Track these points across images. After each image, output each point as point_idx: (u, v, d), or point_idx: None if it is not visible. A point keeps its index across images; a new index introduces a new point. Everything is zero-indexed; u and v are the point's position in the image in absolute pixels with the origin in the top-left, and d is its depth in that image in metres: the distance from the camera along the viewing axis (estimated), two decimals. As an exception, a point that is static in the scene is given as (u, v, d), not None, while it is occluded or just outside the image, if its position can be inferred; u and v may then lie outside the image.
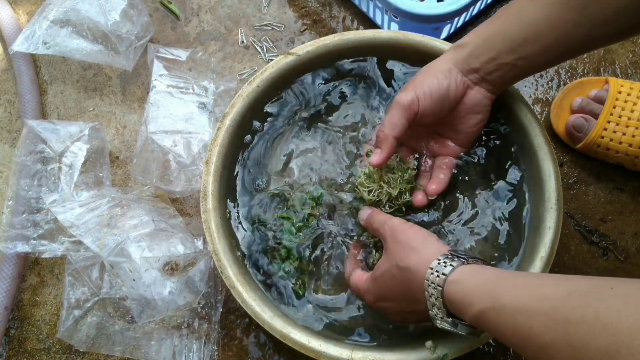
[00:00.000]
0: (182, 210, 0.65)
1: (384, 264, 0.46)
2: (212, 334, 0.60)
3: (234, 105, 0.58)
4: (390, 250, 0.45)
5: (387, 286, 0.46)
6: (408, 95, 0.50)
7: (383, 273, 0.46)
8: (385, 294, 0.46)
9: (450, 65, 0.50)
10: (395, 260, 0.44)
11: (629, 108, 0.62)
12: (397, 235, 0.46)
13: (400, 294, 0.45)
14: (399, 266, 0.44)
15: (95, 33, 0.68)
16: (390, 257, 0.45)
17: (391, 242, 0.46)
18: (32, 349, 0.62)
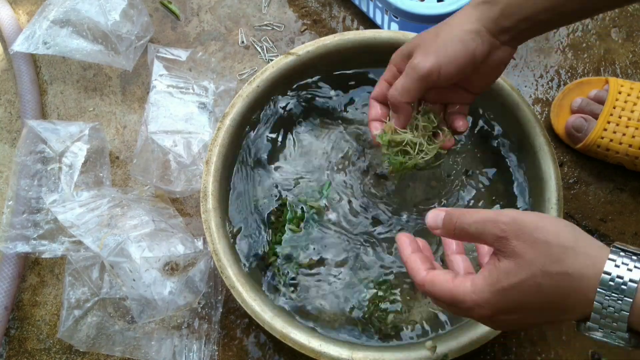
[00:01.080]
0: (182, 210, 0.65)
1: (516, 271, 0.35)
2: (212, 334, 0.60)
3: (234, 105, 0.58)
4: (524, 254, 0.34)
5: (526, 298, 0.35)
6: (427, 62, 0.44)
7: (519, 283, 0.34)
8: (518, 308, 0.36)
9: (478, 25, 0.45)
10: (539, 266, 0.34)
11: (629, 108, 0.62)
12: (532, 232, 0.34)
13: (546, 306, 0.35)
14: (548, 273, 0.33)
15: (96, 33, 0.68)
16: (527, 261, 0.34)
17: (521, 243, 0.35)
18: (32, 349, 0.62)
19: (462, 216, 0.38)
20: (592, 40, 0.72)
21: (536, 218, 0.35)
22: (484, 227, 0.36)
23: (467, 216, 0.37)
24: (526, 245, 0.34)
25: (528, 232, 0.34)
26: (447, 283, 0.38)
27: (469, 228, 0.37)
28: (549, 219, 0.36)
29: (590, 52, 0.72)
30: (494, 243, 0.36)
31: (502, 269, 0.35)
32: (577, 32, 0.73)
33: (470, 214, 0.37)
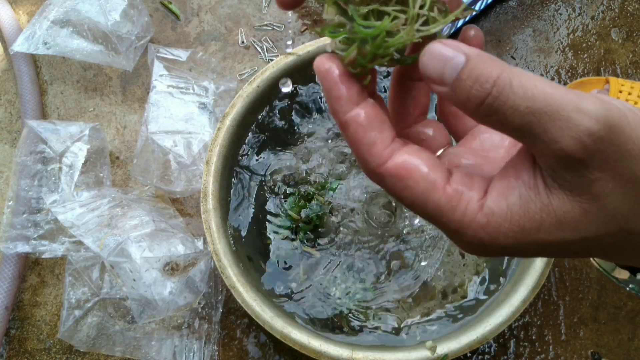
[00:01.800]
0: (183, 211, 0.65)
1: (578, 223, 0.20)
2: (212, 334, 0.60)
3: (235, 105, 0.58)
4: (607, 198, 0.20)
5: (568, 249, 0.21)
6: None
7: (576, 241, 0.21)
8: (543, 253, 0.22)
9: None
10: (624, 224, 0.20)
11: (630, 108, 0.62)
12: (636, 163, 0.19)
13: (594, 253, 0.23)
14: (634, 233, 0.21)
15: (96, 33, 0.68)
16: (608, 214, 0.20)
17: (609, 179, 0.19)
18: (32, 349, 0.62)
19: (505, 87, 0.19)
20: (592, 40, 0.72)
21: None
22: (546, 125, 0.19)
23: (515, 88, 0.19)
24: (616, 185, 0.19)
25: (630, 159, 0.19)
26: (435, 190, 0.21)
27: (513, 116, 0.19)
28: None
29: (590, 52, 0.72)
30: (553, 160, 0.19)
31: (553, 208, 0.20)
32: (577, 32, 0.73)
33: (523, 88, 0.19)
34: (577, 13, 0.74)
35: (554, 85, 0.19)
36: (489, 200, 0.21)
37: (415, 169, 0.21)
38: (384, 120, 0.22)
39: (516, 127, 0.19)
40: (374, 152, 0.22)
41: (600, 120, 0.18)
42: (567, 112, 0.18)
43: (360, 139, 0.22)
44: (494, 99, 0.19)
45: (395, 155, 0.22)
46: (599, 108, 0.18)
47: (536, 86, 0.19)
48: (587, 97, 0.18)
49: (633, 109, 0.19)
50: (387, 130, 0.22)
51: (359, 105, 0.22)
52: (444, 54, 0.20)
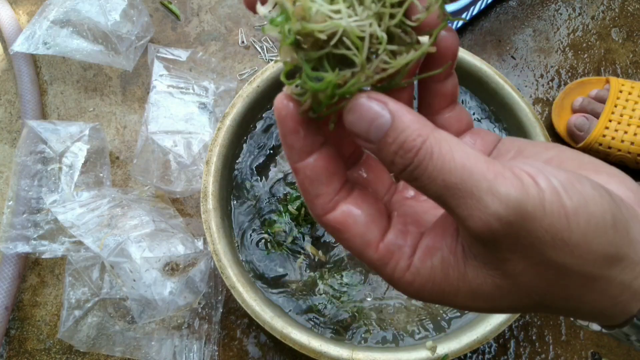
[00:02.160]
0: (183, 211, 0.65)
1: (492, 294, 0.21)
2: (212, 334, 0.60)
3: (235, 105, 0.58)
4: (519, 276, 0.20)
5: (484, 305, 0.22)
6: None
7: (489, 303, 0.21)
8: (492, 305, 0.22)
9: None
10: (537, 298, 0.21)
11: (630, 107, 0.62)
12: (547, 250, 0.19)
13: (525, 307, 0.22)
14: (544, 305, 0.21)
15: (96, 33, 0.68)
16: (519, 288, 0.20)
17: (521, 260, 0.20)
18: (32, 349, 0.62)
19: (425, 156, 0.19)
20: (592, 40, 0.72)
21: (565, 221, 0.18)
22: (458, 201, 0.19)
23: (435, 160, 0.19)
24: (528, 266, 0.19)
25: (540, 245, 0.19)
26: (369, 248, 0.22)
27: (430, 186, 0.19)
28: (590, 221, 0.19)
29: (590, 52, 0.72)
30: (468, 236, 0.20)
31: (468, 279, 0.21)
32: (577, 32, 0.73)
33: (442, 160, 0.19)
34: (578, 13, 0.74)
35: (473, 158, 0.19)
36: (416, 258, 0.22)
37: (352, 226, 0.22)
38: (332, 172, 0.22)
39: (434, 196, 0.20)
40: (318, 203, 0.22)
41: (511, 206, 0.18)
42: (479, 192, 0.18)
43: (306, 189, 0.22)
44: (414, 167, 0.19)
45: (337, 208, 0.22)
46: (512, 192, 0.18)
47: (454, 159, 0.19)
48: (505, 179, 0.18)
49: (560, 189, 0.19)
50: (334, 182, 0.22)
51: (310, 156, 0.22)
52: (369, 111, 0.20)
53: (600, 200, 0.19)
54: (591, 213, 0.19)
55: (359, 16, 0.20)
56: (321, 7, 0.20)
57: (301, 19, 0.20)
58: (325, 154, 0.22)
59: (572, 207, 0.18)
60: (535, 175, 0.19)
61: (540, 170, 0.19)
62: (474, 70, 0.59)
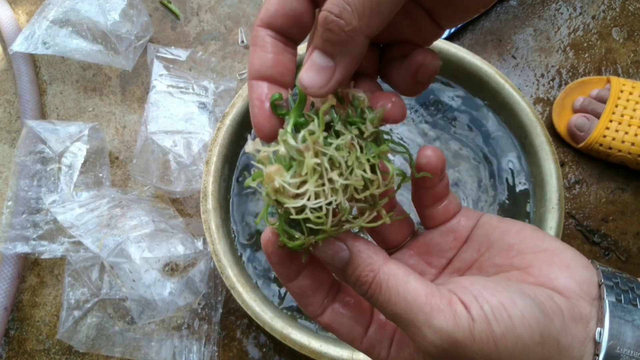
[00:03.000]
0: (182, 211, 0.65)
1: None
2: (212, 334, 0.60)
3: (234, 105, 0.57)
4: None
5: None
6: None
7: None
8: None
9: None
10: None
11: (631, 107, 0.62)
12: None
13: None
14: None
15: (95, 33, 0.68)
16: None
17: None
18: (31, 349, 0.62)
19: (376, 289, 0.23)
20: (593, 39, 0.72)
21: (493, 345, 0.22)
22: (404, 327, 0.23)
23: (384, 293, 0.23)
24: None
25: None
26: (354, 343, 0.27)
27: (384, 311, 0.24)
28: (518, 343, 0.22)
29: (591, 52, 0.72)
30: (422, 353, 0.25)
31: None
32: (578, 32, 0.73)
33: (389, 294, 0.23)
34: (578, 12, 0.73)
35: (415, 293, 0.22)
36: (393, 350, 0.27)
37: (339, 328, 0.27)
38: (316, 287, 0.27)
39: (388, 318, 0.24)
40: (309, 310, 0.27)
41: (444, 337, 0.22)
42: (418, 323, 0.22)
43: (298, 300, 0.27)
44: (369, 296, 0.24)
45: (325, 313, 0.27)
46: (444, 326, 0.22)
47: (398, 294, 0.23)
48: (439, 311, 0.22)
49: (489, 317, 0.22)
50: (318, 294, 0.27)
51: (296, 278, 0.26)
52: (332, 247, 0.24)
53: (528, 321, 0.22)
54: (518, 336, 0.21)
55: (325, 194, 0.22)
56: (287, 184, 0.22)
57: (274, 190, 0.23)
58: (308, 274, 0.26)
59: (499, 333, 0.21)
60: (469, 305, 0.22)
61: (476, 297, 0.22)
62: (475, 70, 0.58)
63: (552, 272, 0.24)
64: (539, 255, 0.25)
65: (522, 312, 0.22)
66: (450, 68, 0.60)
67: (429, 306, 0.22)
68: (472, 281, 0.23)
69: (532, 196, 0.58)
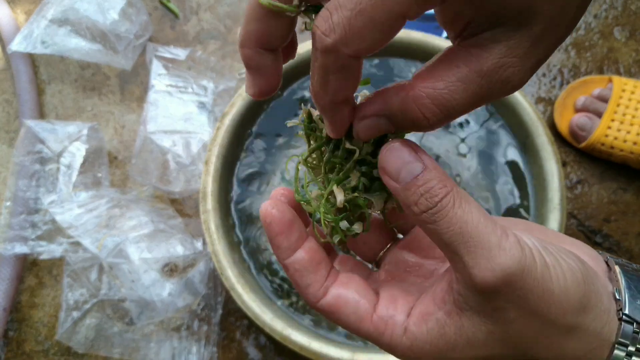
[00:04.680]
0: (182, 211, 0.65)
1: (486, 343, 0.23)
2: (211, 335, 0.60)
3: (234, 104, 0.57)
4: (512, 323, 0.22)
5: None
6: None
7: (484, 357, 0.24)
8: None
9: None
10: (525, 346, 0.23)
11: (633, 106, 0.62)
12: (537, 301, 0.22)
13: None
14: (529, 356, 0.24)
15: (94, 32, 0.67)
16: (512, 335, 0.23)
17: (514, 309, 0.22)
18: (30, 350, 0.62)
19: (447, 205, 0.22)
20: (595, 39, 0.72)
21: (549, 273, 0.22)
22: (469, 249, 0.22)
23: (456, 209, 0.22)
24: (519, 315, 0.22)
25: (532, 296, 0.22)
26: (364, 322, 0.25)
27: (446, 231, 0.22)
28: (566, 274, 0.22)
29: (593, 51, 0.71)
30: (467, 283, 0.22)
31: (464, 329, 0.23)
32: (580, 31, 0.72)
33: (462, 212, 0.22)
34: (580, 11, 0.73)
35: (486, 217, 0.22)
36: (412, 323, 0.24)
37: (344, 306, 0.25)
38: (318, 261, 0.25)
39: (446, 241, 0.22)
40: (309, 292, 0.25)
41: (515, 261, 0.21)
42: (490, 244, 0.21)
43: (297, 281, 0.25)
44: (437, 210, 0.22)
45: (328, 293, 0.25)
46: (516, 250, 0.21)
47: (472, 213, 0.22)
48: (510, 239, 0.22)
49: (540, 248, 0.22)
50: (321, 269, 0.25)
51: (296, 251, 0.25)
52: (404, 156, 0.22)
53: (571, 259, 0.23)
54: (566, 268, 0.22)
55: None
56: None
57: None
58: (309, 247, 0.25)
59: (551, 263, 0.22)
60: (525, 238, 0.22)
61: (524, 234, 0.23)
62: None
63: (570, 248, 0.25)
64: (547, 237, 0.26)
65: (565, 253, 0.23)
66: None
67: (500, 232, 0.22)
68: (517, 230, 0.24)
69: (533, 196, 0.58)
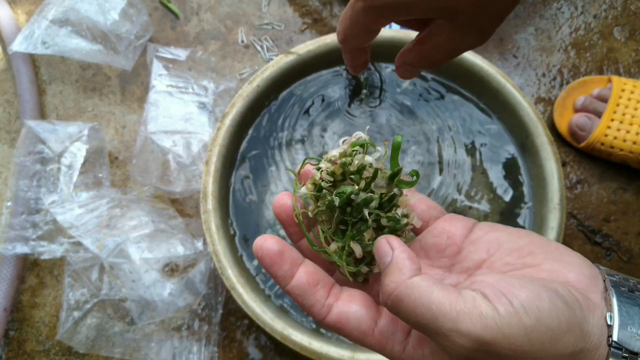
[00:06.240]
0: (182, 211, 0.65)
1: None
2: (212, 335, 0.60)
3: (234, 104, 0.57)
4: None
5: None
6: None
7: None
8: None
9: None
10: None
11: (633, 106, 0.62)
12: None
13: None
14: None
15: (95, 33, 0.67)
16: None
17: None
18: (31, 350, 0.62)
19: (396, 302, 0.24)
20: (594, 39, 0.72)
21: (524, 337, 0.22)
22: (431, 336, 0.24)
23: (405, 306, 0.24)
24: None
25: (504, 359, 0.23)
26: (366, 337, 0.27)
27: (407, 322, 0.25)
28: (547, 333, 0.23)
29: (592, 51, 0.71)
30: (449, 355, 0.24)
31: None
32: (579, 31, 0.72)
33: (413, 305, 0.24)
34: (580, 11, 0.73)
35: (439, 301, 0.23)
36: (410, 345, 0.27)
37: (347, 323, 0.27)
38: (316, 282, 0.28)
39: (414, 328, 0.24)
40: (314, 311, 0.27)
41: (473, 339, 0.22)
42: (447, 330, 0.23)
43: (300, 303, 0.28)
44: (391, 307, 0.25)
45: (331, 311, 0.27)
46: (472, 329, 0.22)
47: (423, 305, 0.23)
48: (465, 315, 0.22)
49: (520, 309, 0.23)
50: (320, 290, 0.28)
51: (293, 278, 0.27)
52: (382, 249, 0.26)
53: (556, 312, 0.23)
54: (548, 326, 0.22)
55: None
56: None
57: None
58: (305, 271, 0.27)
59: (530, 325, 0.22)
60: (496, 302, 0.23)
61: (505, 293, 0.23)
62: (476, 69, 0.58)
63: (564, 267, 0.26)
64: (550, 253, 0.27)
65: (549, 304, 0.23)
66: (451, 68, 0.60)
67: (455, 312, 0.23)
68: (498, 278, 0.24)
69: (533, 196, 0.58)
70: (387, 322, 0.27)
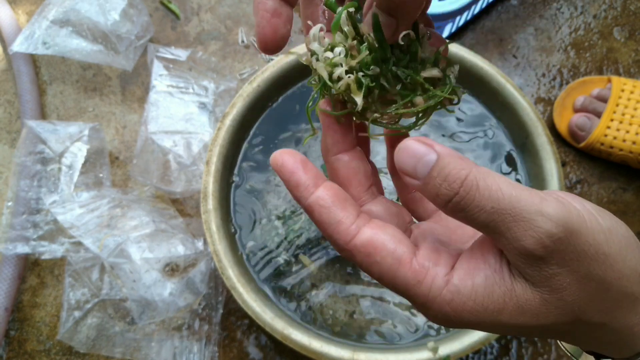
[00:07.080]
0: (183, 211, 0.65)
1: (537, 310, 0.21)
2: (212, 335, 0.60)
3: (235, 105, 0.57)
4: (564, 290, 0.21)
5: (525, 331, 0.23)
6: None
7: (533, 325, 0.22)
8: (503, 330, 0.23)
9: None
10: (579, 313, 0.21)
11: (632, 106, 0.62)
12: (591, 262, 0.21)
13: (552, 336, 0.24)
14: (587, 323, 0.22)
15: (95, 33, 0.67)
16: (564, 304, 0.21)
17: (567, 274, 0.21)
18: (32, 350, 0.62)
19: (472, 187, 0.20)
20: (594, 39, 0.72)
21: (604, 236, 0.21)
22: (509, 225, 0.20)
23: (482, 190, 0.20)
24: (573, 280, 0.21)
25: (585, 259, 0.20)
26: (402, 266, 0.22)
27: (479, 214, 0.20)
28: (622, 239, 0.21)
29: (592, 51, 0.71)
30: (516, 254, 0.21)
31: (516, 295, 0.21)
32: (579, 31, 0.72)
33: (489, 190, 0.20)
34: (580, 12, 0.73)
35: (518, 187, 0.20)
36: (455, 277, 0.22)
37: (382, 245, 0.22)
38: (345, 197, 0.23)
39: (482, 224, 0.21)
40: (341, 230, 0.22)
41: (560, 224, 0.20)
42: (529, 214, 0.20)
43: (325, 220, 0.22)
44: (461, 197, 0.20)
45: (362, 231, 0.22)
46: (559, 212, 0.20)
47: (501, 189, 0.20)
48: (549, 201, 0.20)
49: (593, 211, 0.21)
50: (350, 207, 0.23)
51: (319, 187, 0.23)
52: (416, 151, 0.21)
53: (624, 226, 0.22)
54: (622, 233, 0.21)
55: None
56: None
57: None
58: (330, 185, 0.23)
59: (607, 228, 0.21)
60: (572, 200, 0.21)
61: (573, 197, 0.21)
62: (476, 69, 0.58)
63: None
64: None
65: (615, 217, 0.22)
66: (451, 68, 0.60)
67: (538, 198, 0.20)
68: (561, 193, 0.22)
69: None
70: (428, 253, 0.22)
